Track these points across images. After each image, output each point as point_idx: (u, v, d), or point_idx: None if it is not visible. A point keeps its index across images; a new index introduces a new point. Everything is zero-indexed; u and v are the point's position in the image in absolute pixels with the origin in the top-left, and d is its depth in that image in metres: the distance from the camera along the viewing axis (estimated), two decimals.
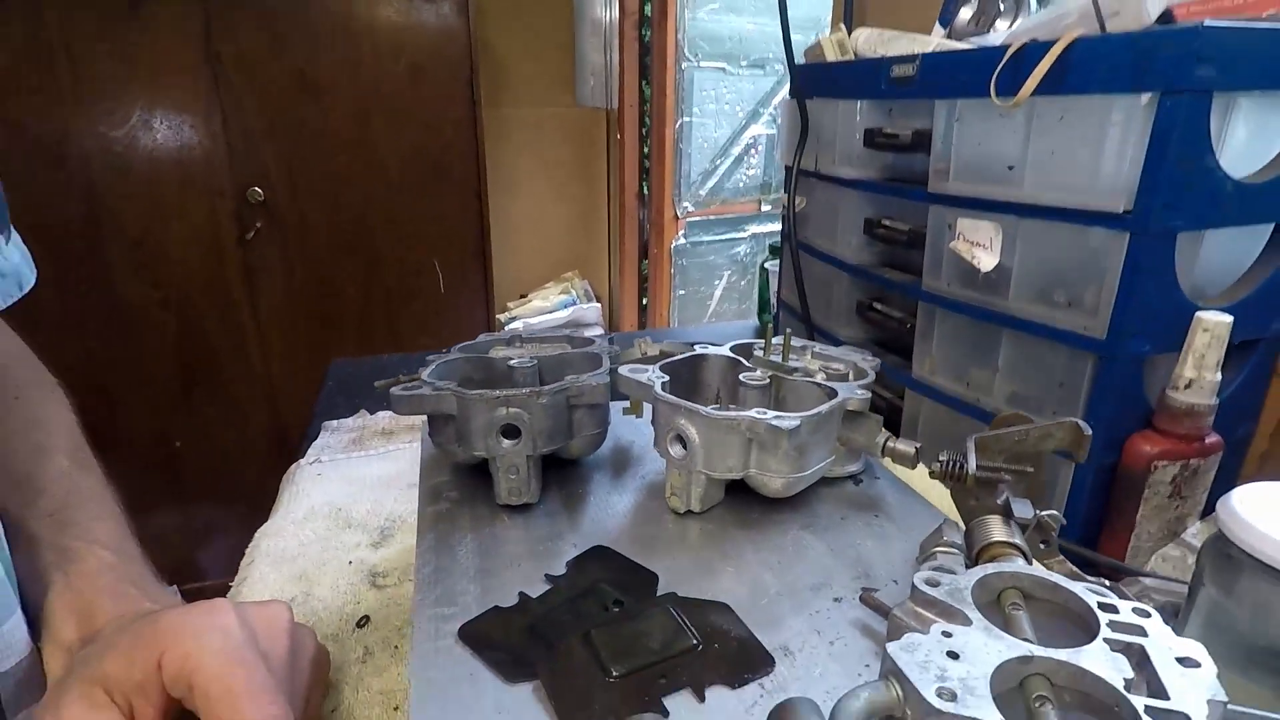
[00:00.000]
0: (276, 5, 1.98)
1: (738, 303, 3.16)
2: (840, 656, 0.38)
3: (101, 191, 1.95)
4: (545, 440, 0.52)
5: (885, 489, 0.55)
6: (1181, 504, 0.64)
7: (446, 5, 2.12)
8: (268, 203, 2.08)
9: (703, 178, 2.89)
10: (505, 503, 0.52)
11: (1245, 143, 0.62)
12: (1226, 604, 0.40)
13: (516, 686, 0.36)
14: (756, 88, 2.85)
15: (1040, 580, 0.34)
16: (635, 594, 0.42)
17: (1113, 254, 0.61)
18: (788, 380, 0.56)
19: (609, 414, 0.58)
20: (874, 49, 0.94)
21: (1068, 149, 0.64)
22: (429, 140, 2.19)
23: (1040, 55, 0.62)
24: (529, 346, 0.63)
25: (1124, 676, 0.28)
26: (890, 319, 0.93)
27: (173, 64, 1.93)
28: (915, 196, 0.82)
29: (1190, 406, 0.61)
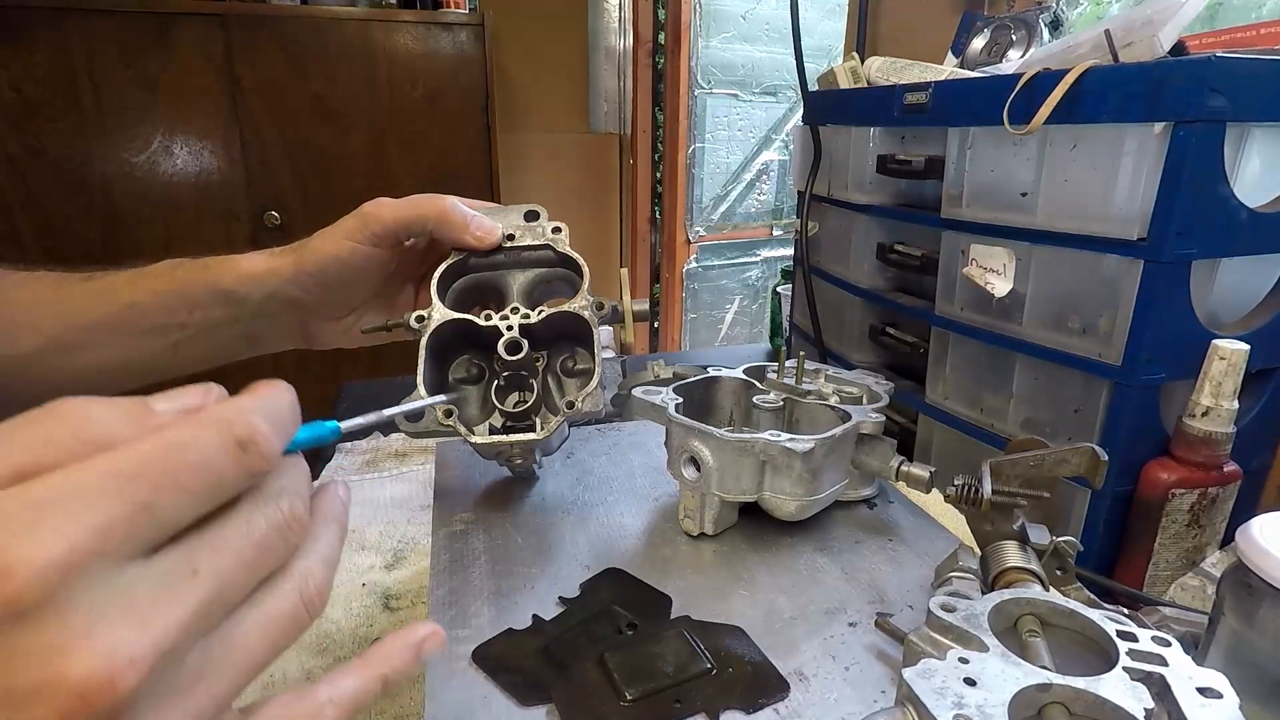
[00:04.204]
0: (296, 32, 2.02)
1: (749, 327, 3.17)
2: (856, 682, 0.38)
3: (121, 215, 1.98)
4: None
5: (899, 513, 0.55)
6: (1199, 533, 0.64)
7: (463, 33, 2.16)
8: (284, 226, 2.11)
9: (715, 203, 2.91)
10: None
11: (1260, 172, 0.62)
12: (1248, 634, 0.40)
13: (530, 710, 0.36)
14: (768, 114, 2.88)
15: (1057, 607, 0.34)
16: (649, 617, 0.42)
17: (1127, 281, 0.61)
18: (801, 403, 0.56)
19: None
20: (887, 77, 0.95)
21: (1081, 177, 0.64)
22: (444, 165, 2.22)
23: (1053, 84, 0.63)
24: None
25: (1144, 706, 0.27)
26: (903, 343, 0.93)
27: (193, 90, 1.97)
28: (928, 222, 0.83)
29: (1207, 434, 0.61)
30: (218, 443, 0.22)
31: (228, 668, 0.23)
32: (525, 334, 0.49)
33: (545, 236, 0.53)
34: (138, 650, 0.19)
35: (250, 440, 0.23)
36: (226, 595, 0.22)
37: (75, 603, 0.19)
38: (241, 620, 0.23)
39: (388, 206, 0.52)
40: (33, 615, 0.18)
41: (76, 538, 0.19)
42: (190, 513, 0.22)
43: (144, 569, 0.20)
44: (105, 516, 0.19)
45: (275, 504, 0.24)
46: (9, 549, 0.18)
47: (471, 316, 0.50)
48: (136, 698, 0.20)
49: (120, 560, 0.20)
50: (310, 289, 0.53)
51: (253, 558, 0.23)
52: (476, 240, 0.51)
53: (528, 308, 0.51)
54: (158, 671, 0.20)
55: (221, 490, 0.22)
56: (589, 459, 0.64)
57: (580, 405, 0.48)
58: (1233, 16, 0.89)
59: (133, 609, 0.20)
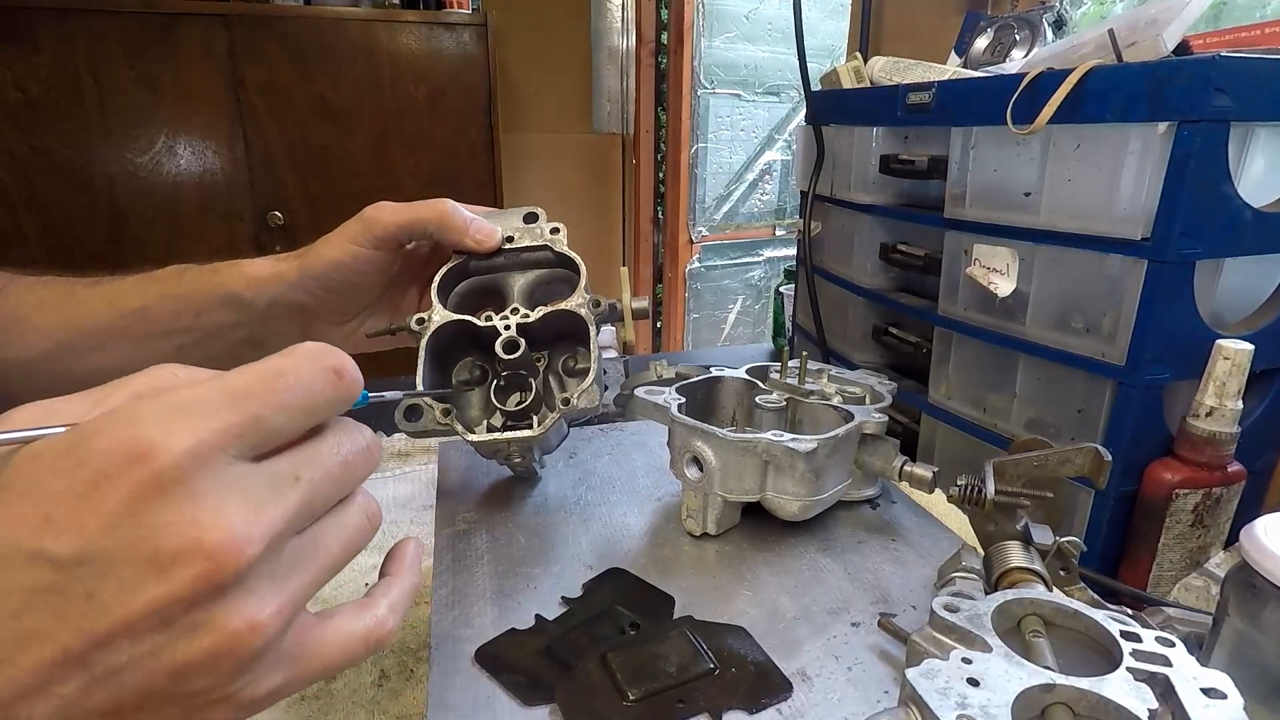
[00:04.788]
0: (299, 33, 2.02)
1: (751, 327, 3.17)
2: (859, 682, 0.38)
3: (125, 215, 1.99)
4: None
5: (902, 513, 0.55)
6: (1204, 533, 0.64)
7: (466, 33, 2.16)
8: (287, 226, 2.11)
9: (717, 202, 2.91)
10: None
11: (1264, 172, 0.62)
12: (1252, 635, 0.40)
13: (533, 710, 0.36)
14: (771, 114, 2.88)
15: (1061, 607, 0.34)
16: (651, 617, 0.42)
17: (1131, 281, 0.61)
18: (804, 403, 0.56)
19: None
20: (890, 77, 0.95)
21: (1084, 176, 0.64)
22: (447, 165, 2.23)
23: (1056, 84, 0.63)
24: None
25: (1148, 707, 0.27)
26: (906, 343, 0.93)
27: (197, 90, 1.98)
28: (931, 222, 0.83)
29: (1212, 434, 0.61)
30: (316, 368, 0.27)
31: (313, 564, 0.27)
32: (524, 334, 0.49)
33: (544, 237, 0.53)
34: (256, 531, 0.23)
35: (343, 368, 0.27)
36: (317, 502, 0.27)
37: (206, 488, 0.23)
38: (324, 526, 0.28)
39: (389, 210, 0.52)
40: (173, 493, 0.22)
41: (205, 433, 0.23)
42: (293, 426, 0.26)
43: (257, 470, 0.25)
44: (225, 420, 0.24)
45: (358, 433, 0.29)
46: (154, 437, 0.22)
47: (470, 317, 0.50)
48: (251, 572, 0.24)
49: (237, 459, 0.24)
50: (314, 293, 0.54)
51: (339, 474, 0.28)
52: (476, 243, 0.52)
53: (528, 308, 0.51)
54: (267, 554, 0.24)
55: (319, 410, 0.27)
56: (591, 459, 0.64)
57: (576, 401, 0.48)
58: (1237, 16, 0.89)
59: (250, 499, 0.24)
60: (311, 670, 0.27)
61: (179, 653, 0.23)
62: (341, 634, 0.29)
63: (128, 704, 0.23)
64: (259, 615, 0.24)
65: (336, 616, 0.29)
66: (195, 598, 0.22)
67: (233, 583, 0.23)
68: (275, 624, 0.24)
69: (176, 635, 0.23)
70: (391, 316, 0.58)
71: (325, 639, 0.28)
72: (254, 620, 0.24)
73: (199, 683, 0.24)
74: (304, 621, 0.27)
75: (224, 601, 0.23)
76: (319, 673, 0.28)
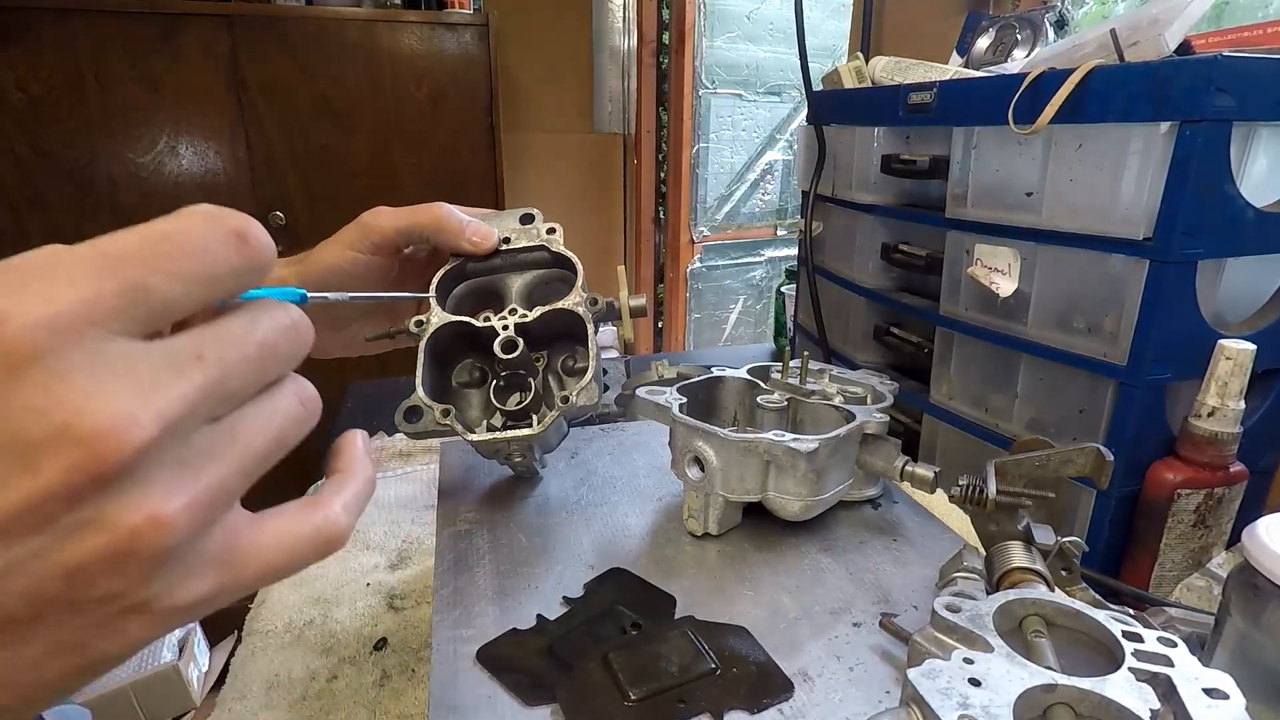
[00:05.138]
0: (301, 33, 2.02)
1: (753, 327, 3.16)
2: (860, 682, 0.38)
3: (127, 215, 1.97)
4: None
5: (904, 513, 0.55)
6: (1206, 533, 0.64)
7: (468, 33, 2.16)
8: (289, 226, 2.11)
9: (718, 203, 2.91)
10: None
11: (1266, 172, 0.62)
12: (1254, 635, 0.40)
13: (535, 710, 0.36)
14: (772, 114, 2.87)
15: (1063, 608, 0.34)
16: (653, 617, 0.42)
17: (1132, 281, 0.61)
18: (805, 403, 0.56)
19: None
20: (891, 76, 0.95)
21: (1086, 176, 0.64)
22: (448, 165, 2.23)
23: (1058, 84, 0.63)
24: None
25: (1150, 707, 0.27)
26: (907, 343, 0.93)
27: (199, 91, 1.98)
28: (933, 222, 0.83)
29: (1214, 434, 0.61)
30: (212, 232, 0.23)
31: (234, 455, 0.24)
32: (523, 334, 0.50)
33: (540, 237, 0.53)
34: (143, 414, 0.20)
35: (246, 231, 0.24)
36: (231, 385, 0.23)
37: (74, 365, 0.20)
38: (245, 413, 0.24)
39: (385, 215, 0.52)
40: (29, 370, 0.19)
41: (66, 302, 0.20)
42: (187, 297, 0.23)
43: (147, 348, 0.21)
44: (95, 288, 0.20)
45: (280, 310, 0.26)
46: (1, 308, 0.19)
47: (468, 318, 0.50)
48: (146, 461, 0.20)
49: (118, 335, 0.21)
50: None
51: (257, 353, 0.24)
52: (473, 245, 0.52)
53: (526, 309, 0.51)
54: (164, 441, 0.21)
55: (220, 280, 0.23)
56: (593, 459, 0.64)
57: (575, 399, 0.48)
58: (1239, 15, 0.89)
59: (136, 379, 0.21)
60: (248, 574, 0.25)
61: (68, 554, 0.20)
62: (285, 534, 0.26)
63: (21, 614, 0.20)
64: (162, 509, 0.21)
65: (278, 515, 0.26)
66: (74, 490, 0.19)
67: (120, 473, 0.20)
68: (186, 519, 0.21)
69: (62, 535, 0.20)
70: (391, 321, 0.58)
71: (262, 541, 0.25)
72: (156, 514, 0.21)
73: (103, 588, 0.21)
74: (235, 521, 0.24)
75: (114, 495, 0.20)
76: (257, 576, 0.25)
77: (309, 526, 0.26)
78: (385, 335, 0.55)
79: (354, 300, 0.45)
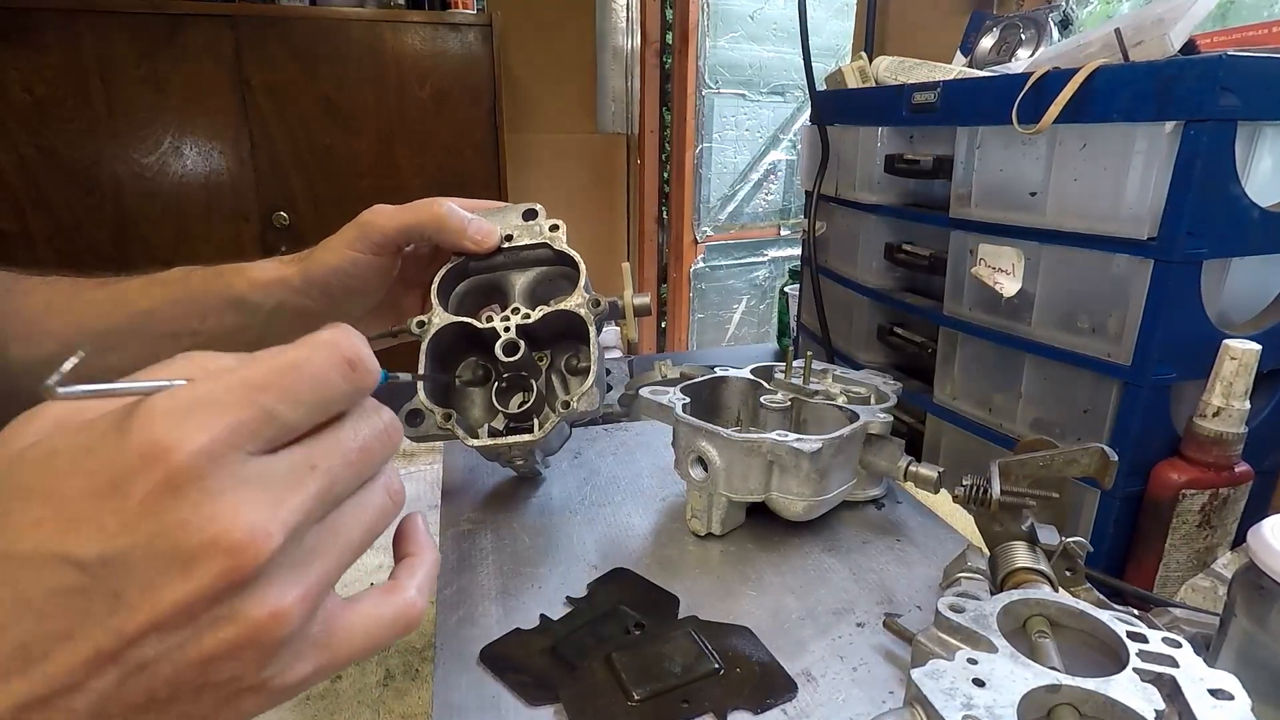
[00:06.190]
0: (305, 33, 2.02)
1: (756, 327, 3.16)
2: (864, 682, 0.38)
3: (132, 215, 1.99)
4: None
5: (907, 513, 0.55)
6: (1211, 534, 0.63)
7: (471, 33, 2.16)
8: (293, 226, 2.11)
9: (722, 202, 2.90)
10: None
11: (1271, 172, 0.61)
12: (1259, 636, 0.40)
13: (538, 709, 0.36)
14: (776, 114, 2.87)
15: (1067, 608, 0.34)
16: (656, 616, 0.42)
17: (1137, 281, 0.61)
18: (809, 403, 0.56)
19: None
20: (895, 76, 0.95)
21: (1090, 176, 0.64)
22: (452, 165, 2.22)
23: (1062, 83, 0.62)
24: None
25: (1155, 708, 0.27)
26: (911, 343, 0.93)
27: (203, 91, 1.98)
28: (936, 222, 0.83)
29: (1218, 435, 0.60)
30: (330, 361, 0.26)
31: (335, 550, 0.27)
32: (525, 334, 0.49)
33: (543, 235, 0.53)
34: (273, 524, 0.24)
35: (358, 359, 0.27)
36: (337, 489, 0.27)
37: (222, 485, 0.23)
38: (345, 511, 0.28)
39: (385, 214, 0.52)
40: (189, 491, 0.22)
41: (217, 430, 0.23)
42: (308, 418, 0.26)
43: (274, 462, 0.25)
44: (238, 417, 0.24)
45: (376, 415, 0.29)
46: (169, 437, 0.22)
47: (470, 319, 0.50)
48: (272, 564, 0.24)
49: (252, 454, 0.24)
50: (317, 298, 0.54)
51: (357, 459, 0.28)
52: (474, 244, 0.52)
53: (529, 307, 0.51)
54: (287, 545, 0.24)
55: (333, 402, 0.27)
56: (596, 459, 0.64)
57: (576, 405, 0.48)
58: (1244, 15, 0.89)
59: (267, 493, 0.24)
60: (341, 656, 0.28)
61: (205, 645, 0.23)
62: (371, 619, 0.29)
63: (161, 695, 0.24)
64: (281, 603, 0.24)
65: (364, 601, 0.29)
66: (218, 592, 0.23)
67: (254, 576, 0.23)
68: (299, 611, 0.25)
69: (202, 628, 0.23)
70: (395, 318, 0.58)
71: (354, 624, 0.28)
72: (276, 609, 0.24)
73: (228, 671, 0.24)
74: (332, 608, 0.28)
75: (246, 594, 0.24)
76: (348, 658, 0.28)
77: (391, 611, 0.29)
78: (388, 334, 0.55)
79: (417, 379, 0.47)
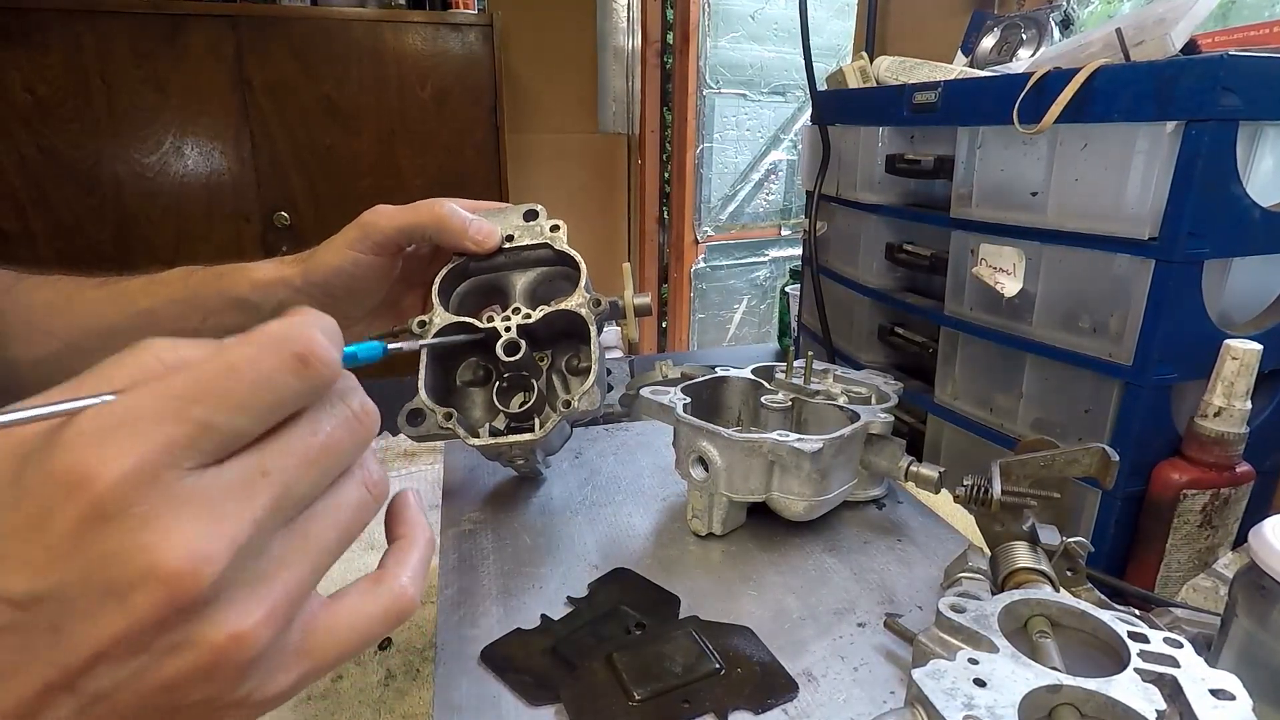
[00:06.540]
0: (306, 33, 2.03)
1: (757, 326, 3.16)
2: (865, 683, 0.38)
3: (133, 215, 1.99)
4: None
5: (908, 513, 0.55)
6: (1212, 534, 0.63)
7: (472, 33, 2.16)
8: (293, 226, 2.12)
9: (723, 202, 2.91)
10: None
11: (1273, 171, 0.61)
12: (1260, 636, 0.40)
13: (539, 710, 0.36)
14: (776, 114, 2.87)
15: (1068, 608, 0.34)
16: (657, 617, 0.42)
17: (1138, 281, 0.61)
18: (809, 403, 0.56)
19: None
20: (896, 76, 0.95)
21: (1091, 176, 0.64)
22: (452, 165, 2.23)
23: (1063, 83, 0.62)
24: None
25: (1156, 708, 0.27)
26: (912, 343, 0.93)
27: (204, 91, 1.98)
28: (937, 222, 0.82)
29: (1220, 435, 0.60)
30: (275, 359, 0.24)
31: (306, 555, 0.25)
32: (526, 334, 0.49)
33: (543, 235, 0.53)
34: (215, 545, 0.22)
35: (309, 354, 0.24)
36: (297, 491, 0.25)
37: (154, 508, 0.21)
38: (315, 513, 0.26)
39: (386, 215, 0.52)
40: (118, 519, 0.21)
41: (143, 451, 0.21)
42: (255, 424, 0.24)
43: (216, 475, 0.23)
44: (168, 434, 0.22)
45: (343, 405, 0.26)
46: (88, 464, 0.21)
47: (470, 319, 0.50)
48: (221, 585, 0.22)
49: (190, 470, 0.22)
50: (317, 299, 0.53)
51: (320, 456, 0.25)
52: (475, 244, 0.51)
53: (530, 307, 0.51)
54: (238, 561, 0.23)
55: (284, 403, 0.24)
56: (597, 459, 0.64)
57: (577, 405, 0.47)
58: (1246, 15, 0.88)
59: (207, 509, 0.22)
60: (328, 659, 0.26)
61: (165, 671, 0.22)
62: (358, 615, 0.27)
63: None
64: (241, 625, 0.23)
65: (349, 596, 0.28)
66: (163, 622, 0.22)
67: (200, 602, 0.22)
68: (264, 630, 0.24)
69: (158, 656, 0.22)
70: (396, 318, 0.58)
71: (338, 624, 0.27)
72: (236, 631, 0.23)
73: (198, 694, 0.23)
74: (311, 611, 0.26)
75: (200, 619, 0.22)
76: (338, 659, 0.27)
77: (379, 605, 0.28)
78: (388, 334, 0.55)
79: (427, 347, 0.47)
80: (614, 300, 0.52)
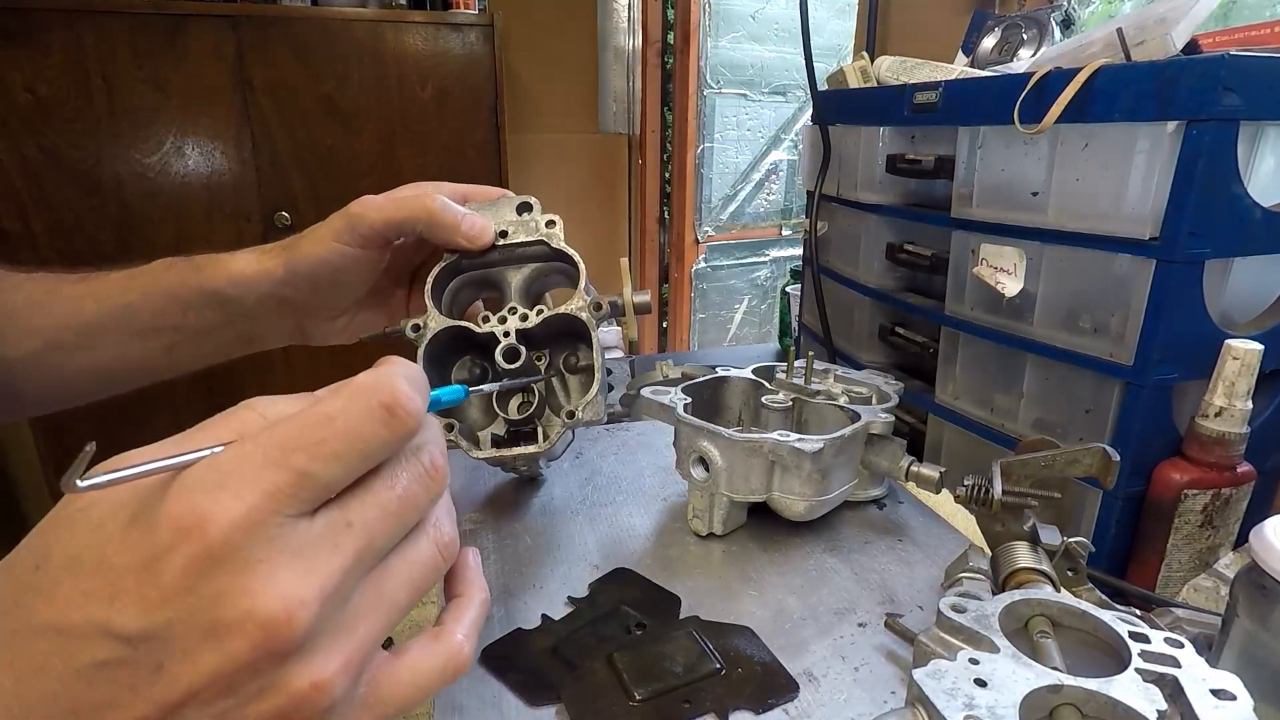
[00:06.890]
0: (307, 33, 2.02)
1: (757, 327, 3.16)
2: (865, 683, 0.38)
3: (134, 215, 1.99)
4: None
5: (909, 513, 0.55)
6: (1213, 534, 0.63)
7: (473, 33, 2.16)
8: (294, 226, 2.11)
9: (723, 203, 2.90)
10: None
11: (1274, 171, 0.61)
12: (1261, 636, 0.40)
13: (540, 710, 0.36)
14: (777, 114, 2.87)
15: (1069, 608, 0.34)
16: (657, 617, 0.42)
17: (1139, 281, 0.61)
18: (810, 403, 0.56)
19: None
20: (897, 76, 0.95)
21: (1092, 176, 0.64)
22: (453, 165, 2.23)
23: (1064, 83, 0.62)
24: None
25: (1157, 708, 0.27)
26: (912, 343, 0.93)
27: (205, 91, 1.98)
28: (938, 222, 0.82)
29: (1221, 435, 0.60)
30: (365, 409, 0.25)
31: (381, 608, 0.26)
32: (524, 336, 0.49)
33: (539, 231, 0.51)
34: (309, 593, 0.23)
35: (395, 404, 0.25)
36: (377, 544, 0.26)
37: (257, 554, 0.23)
38: (389, 566, 0.27)
39: (374, 207, 0.50)
40: (226, 563, 0.22)
41: (251, 500, 0.23)
42: (345, 475, 0.25)
43: (310, 524, 0.24)
44: (272, 483, 0.23)
45: (416, 459, 0.27)
46: (204, 509, 0.22)
47: (468, 323, 0.49)
48: (311, 632, 0.24)
49: (290, 518, 0.24)
50: (302, 289, 0.53)
51: (398, 508, 0.26)
52: (468, 242, 0.50)
53: (526, 304, 0.50)
54: (326, 610, 0.24)
55: (372, 453, 0.25)
56: (597, 459, 0.64)
57: (581, 415, 0.47)
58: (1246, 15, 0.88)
59: (301, 559, 0.24)
60: (388, 711, 0.27)
61: (247, 714, 0.24)
62: (418, 671, 0.28)
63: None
64: (322, 674, 0.24)
65: (410, 653, 0.29)
66: (255, 665, 0.23)
67: (293, 647, 0.23)
68: (341, 680, 0.25)
69: (244, 699, 0.23)
70: (383, 309, 0.57)
71: (400, 679, 0.28)
72: (317, 680, 0.24)
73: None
74: (377, 666, 0.27)
75: (287, 665, 0.24)
76: (396, 712, 0.28)
77: (437, 661, 0.29)
78: (380, 336, 0.54)
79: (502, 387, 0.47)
80: (614, 300, 0.51)
